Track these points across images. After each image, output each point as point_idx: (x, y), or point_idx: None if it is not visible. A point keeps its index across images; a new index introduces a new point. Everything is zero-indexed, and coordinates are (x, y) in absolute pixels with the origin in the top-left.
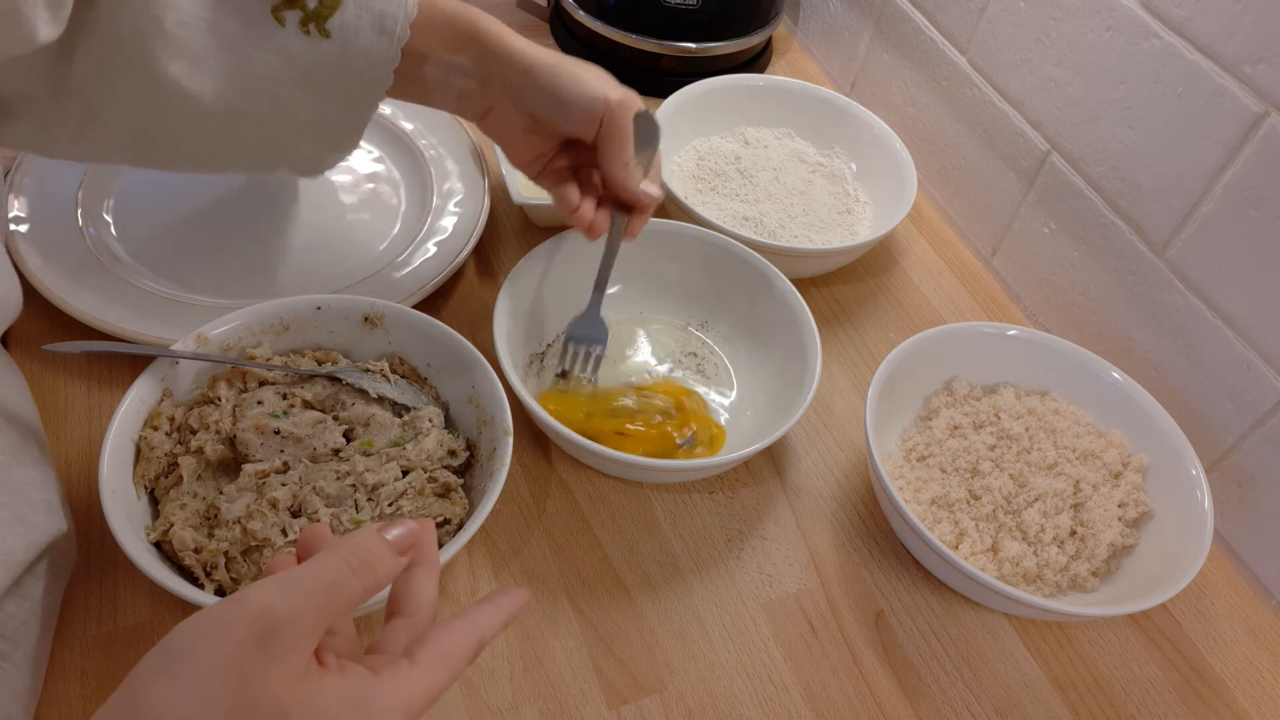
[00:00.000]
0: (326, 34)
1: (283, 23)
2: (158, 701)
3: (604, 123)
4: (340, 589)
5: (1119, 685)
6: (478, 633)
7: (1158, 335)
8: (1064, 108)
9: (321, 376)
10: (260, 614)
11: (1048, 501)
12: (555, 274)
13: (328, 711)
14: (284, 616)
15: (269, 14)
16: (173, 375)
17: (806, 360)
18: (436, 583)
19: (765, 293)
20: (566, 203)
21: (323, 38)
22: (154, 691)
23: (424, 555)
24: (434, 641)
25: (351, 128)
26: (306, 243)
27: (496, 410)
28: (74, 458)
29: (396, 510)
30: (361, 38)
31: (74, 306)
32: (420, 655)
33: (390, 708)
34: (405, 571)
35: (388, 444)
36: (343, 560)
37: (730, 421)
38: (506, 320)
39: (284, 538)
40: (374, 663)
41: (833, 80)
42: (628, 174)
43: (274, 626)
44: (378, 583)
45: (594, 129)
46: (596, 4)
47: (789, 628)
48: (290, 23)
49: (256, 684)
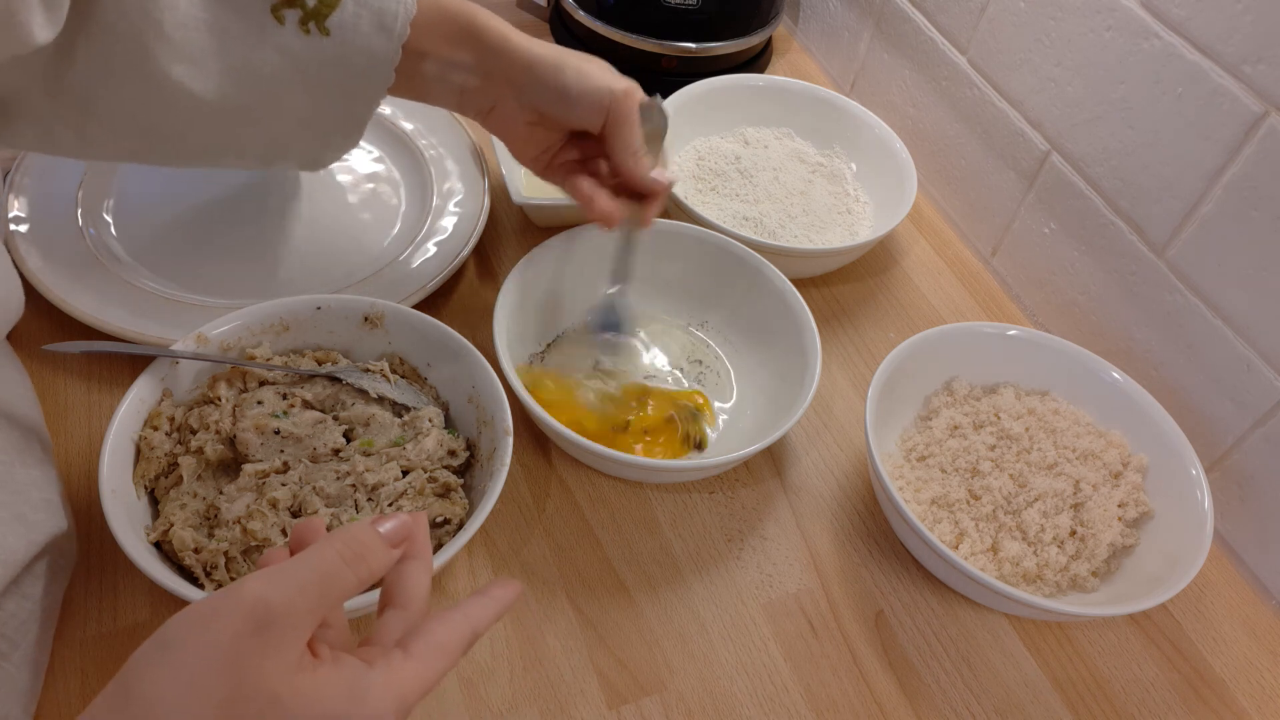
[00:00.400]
0: (326, 32)
1: (282, 21)
2: (152, 693)
3: (610, 113)
4: (334, 580)
5: (1119, 685)
6: (471, 624)
7: (1158, 335)
8: (1064, 108)
9: (321, 376)
10: (254, 605)
11: (1048, 501)
12: (555, 274)
13: (322, 702)
14: (278, 608)
15: (269, 13)
16: (173, 375)
17: (806, 360)
18: (430, 575)
19: (765, 293)
20: (580, 194)
21: (323, 36)
22: (148, 683)
23: (417, 548)
24: (428, 633)
25: (353, 125)
26: (307, 243)
27: (496, 410)
28: (74, 458)
29: (396, 510)
30: (361, 36)
31: (74, 306)
32: (414, 646)
33: (384, 698)
34: (398, 564)
35: (388, 444)
36: (336, 552)
37: (730, 422)
38: (507, 320)
39: (284, 538)
40: (368, 654)
41: (833, 80)
42: (637, 162)
43: (268, 618)
44: (371, 574)
45: (600, 121)
46: (596, 4)
47: (789, 628)
48: (290, 21)
49: (251, 675)
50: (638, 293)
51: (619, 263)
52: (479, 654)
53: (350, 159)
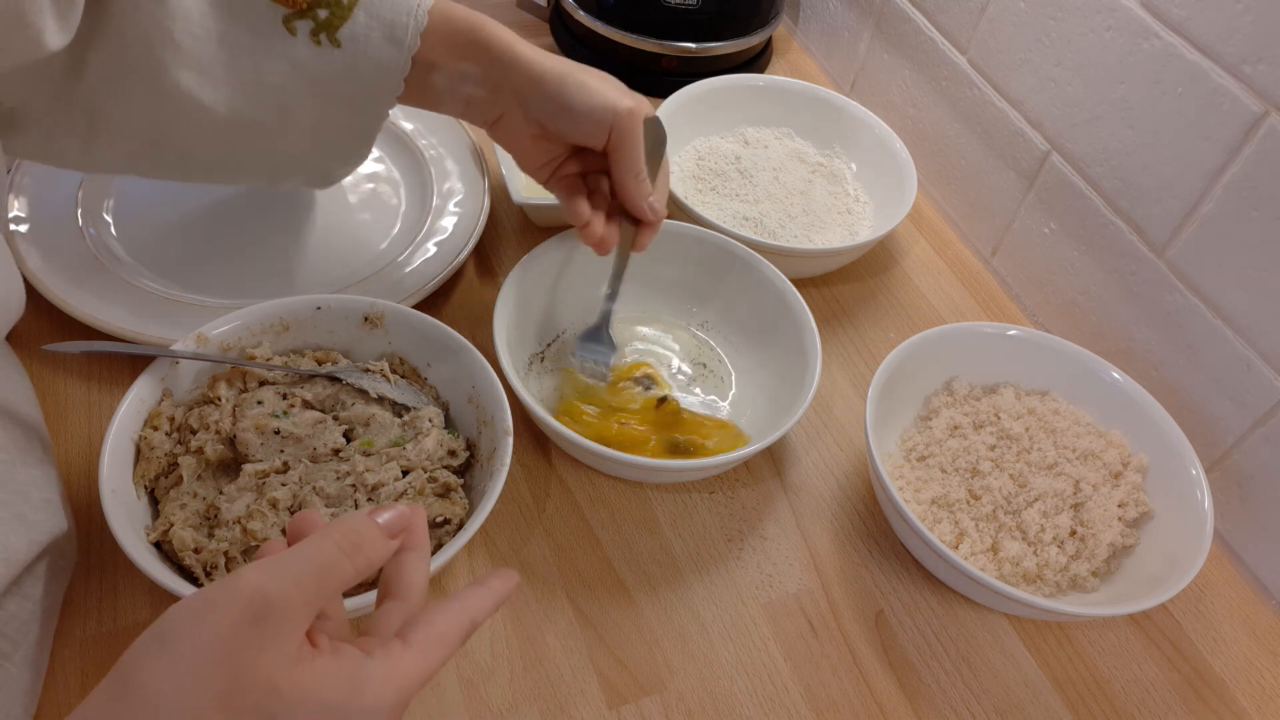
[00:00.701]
0: (337, 43)
1: (294, 32)
2: (150, 684)
3: (614, 132)
4: (332, 571)
5: (1119, 685)
6: (469, 614)
7: (1158, 335)
8: (1064, 108)
9: (321, 376)
10: (253, 596)
11: (1048, 501)
12: (556, 274)
13: (320, 693)
14: (276, 598)
15: (280, 24)
16: (173, 375)
17: (807, 360)
18: (428, 566)
19: (765, 292)
20: (577, 216)
21: (334, 47)
22: (146, 674)
23: (415, 540)
24: (426, 623)
25: (361, 136)
26: (307, 243)
27: (496, 410)
28: (74, 458)
29: None
30: (372, 47)
31: (74, 306)
32: (413, 637)
33: (383, 688)
34: (396, 555)
35: (388, 444)
36: (334, 543)
37: (731, 421)
38: (507, 320)
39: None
40: (367, 645)
41: (833, 80)
42: (639, 184)
43: (266, 608)
44: (369, 564)
45: (603, 138)
46: (596, 4)
47: (789, 628)
48: (301, 32)
49: (249, 665)
50: (638, 294)
51: (611, 282)
52: (479, 654)
53: None
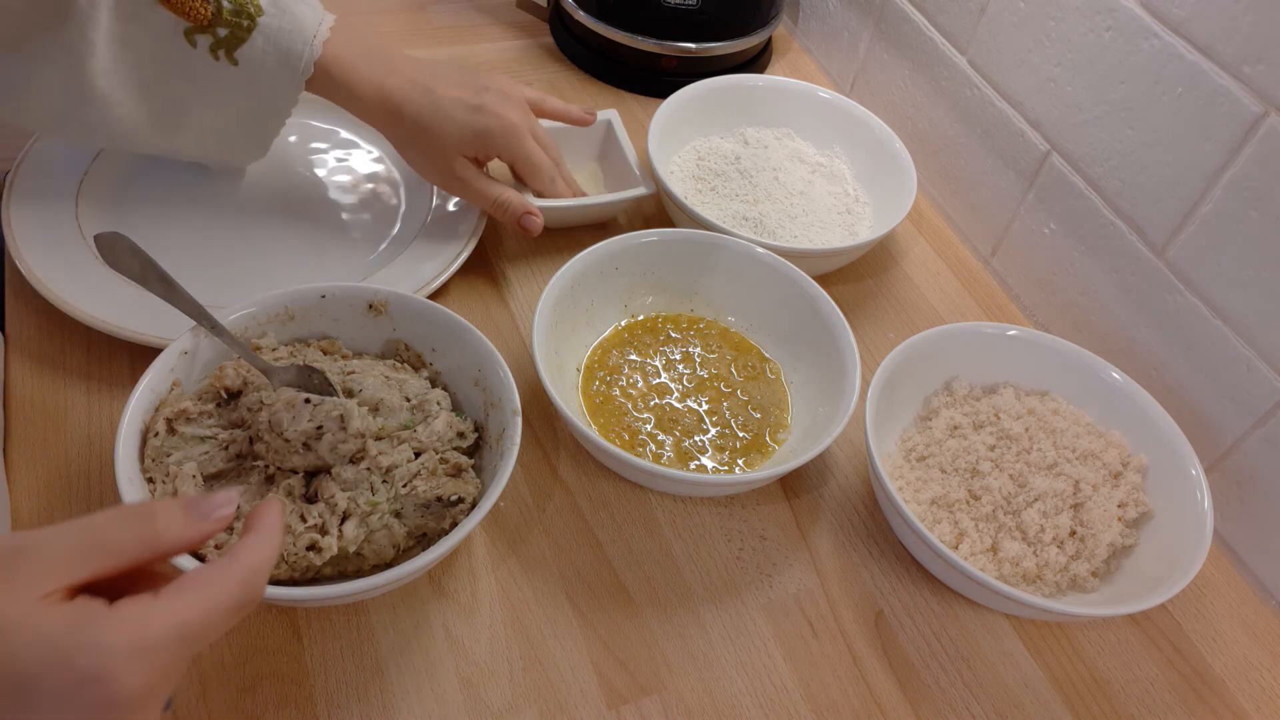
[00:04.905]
0: (235, 62)
1: (194, 45)
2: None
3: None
4: (102, 530)
5: (1119, 685)
6: (240, 564)
7: (1158, 335)
8: (1064, 108)
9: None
10: (7, 542)
11: (1047, 501)
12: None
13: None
14: (29, 545)
15: (181, 35)
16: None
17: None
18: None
19: (805, 308)
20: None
21: (230, 65)
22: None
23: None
24: (186, 577)
25: (261, 140)
26: (307, 243)
27: (503, 393)
28: (74, 458)
29: (411, 491)
30: (266, 71)
31: (74, 306)
32: (166, 589)
33: (114, 631)
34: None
35: (399, 427)
36: (116, 510)
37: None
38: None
39: (302, 523)
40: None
41: (833, 80)
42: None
43: (19, 551)
44: (155, 535)
45: None
46: (596, 4)
47: (789, 628)
48: (201, 46)
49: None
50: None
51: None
52: (479, 654)
53: (350, 159)
